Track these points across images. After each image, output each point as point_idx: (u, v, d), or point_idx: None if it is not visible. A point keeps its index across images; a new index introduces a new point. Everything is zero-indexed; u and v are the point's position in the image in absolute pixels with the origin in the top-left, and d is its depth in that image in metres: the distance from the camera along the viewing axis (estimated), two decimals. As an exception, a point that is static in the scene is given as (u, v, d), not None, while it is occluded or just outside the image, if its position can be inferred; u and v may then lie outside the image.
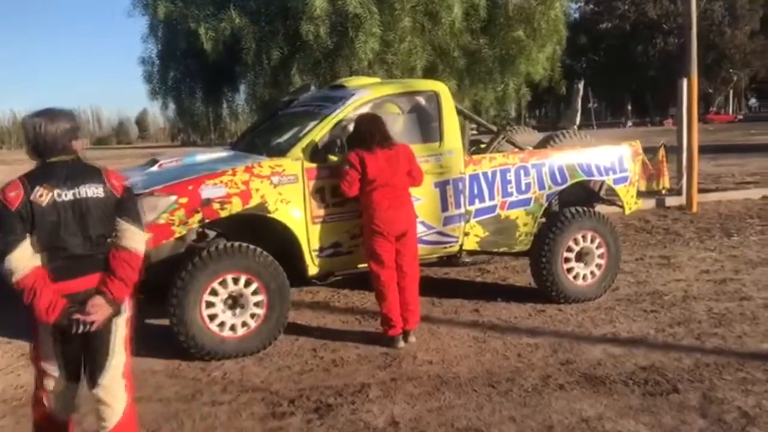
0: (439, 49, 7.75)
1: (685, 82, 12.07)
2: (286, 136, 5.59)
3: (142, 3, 8.44)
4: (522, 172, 5.88)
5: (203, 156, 5.55)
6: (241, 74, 8.15)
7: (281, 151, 5.19)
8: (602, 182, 6.40)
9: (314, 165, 5.09)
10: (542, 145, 6.59)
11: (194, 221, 4.78)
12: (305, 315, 6.04)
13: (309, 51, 7.47)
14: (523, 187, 5.89)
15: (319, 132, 5.18)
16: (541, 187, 5.93)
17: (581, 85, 12.21)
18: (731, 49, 61.52)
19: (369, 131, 5.02)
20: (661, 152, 13.00)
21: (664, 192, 12.54)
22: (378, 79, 6.17)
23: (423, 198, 5.39)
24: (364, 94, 5.45)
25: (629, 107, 78.44)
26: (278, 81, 7.74)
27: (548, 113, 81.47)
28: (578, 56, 79.93)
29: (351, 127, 5.20)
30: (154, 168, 5.37)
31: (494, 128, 6.20)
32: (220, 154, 5.70)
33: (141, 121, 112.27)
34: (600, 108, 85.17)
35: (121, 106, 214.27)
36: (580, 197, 6.50)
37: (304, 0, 7.17)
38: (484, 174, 5.73)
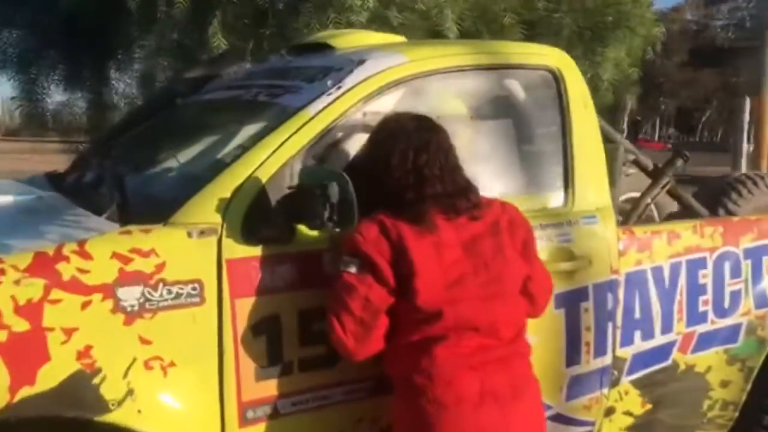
0: (483, 9, 4.63)
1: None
2: (177, 165, 2.34)
3: None
4: (727, 265, 2.79)
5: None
6: (124, 35, 4.80)
7: (159, 207, 1.95)
8: None
9: (253, 252, 1.89)
10: (714, 200, 3.50)
11: None
12: None
13: (248, -7, 4.21)
14: (727, 301, 2.81)
15: (268, 154, 1.96)
16: (762, 301, 2.87)
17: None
18: (661, 78, 62.26)
19: (426, 164, 1.87)
20: None
21: None
22: (401, 38, 3.00)
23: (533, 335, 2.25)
24: (395, 62, 2.24)
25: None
26: (185, 46, 4.42)
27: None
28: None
29: (365, 151, 2.05)
30: None
31: (648, 162, 3.07)
32: (5, 197, 2.37)
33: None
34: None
35: None
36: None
37: None
38: (657, 272, 2.62)
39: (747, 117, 10.10)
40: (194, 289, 1.79)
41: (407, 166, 1.86)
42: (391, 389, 1.95)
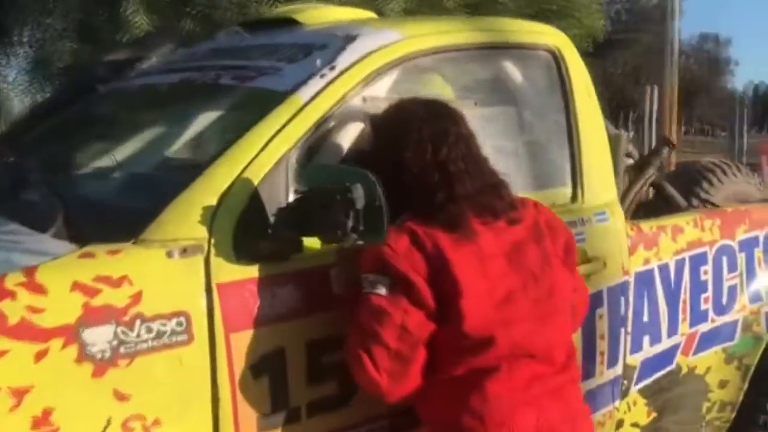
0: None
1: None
2: (130, 164, 1.92)
3: None
4: (725, 259, 2.65)
5: None
6: (18, 11, 4.20)
7: (118, 219, 1.55)
8: None
9: (248, 273, 1.49)
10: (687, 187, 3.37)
11: None
12: None
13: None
14: (725, 297, 2.67)
15: (258, 149, 1.58)
16: (756, 296, 2.75)
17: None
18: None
19: (448, 157, 1.56)
20: None
21: None
22: (370, 14, 2.66)
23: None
24: (390, 39, 1.88)
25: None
26: (93, 27, 3.89)
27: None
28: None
29: (369, 146, 1.71)
30: None
31: (635, 152, 2.88)
32: None
33: None
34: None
35: None
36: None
37: None
38: (664, 270, 2.43)
39: (648, 107, 10.37)
40: (180, 323, 1.41)
41: (426, 160, 1.56)
42: (411, 425, 1.65)
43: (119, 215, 1.58)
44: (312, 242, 1.57)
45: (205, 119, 1.96)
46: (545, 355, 1.53)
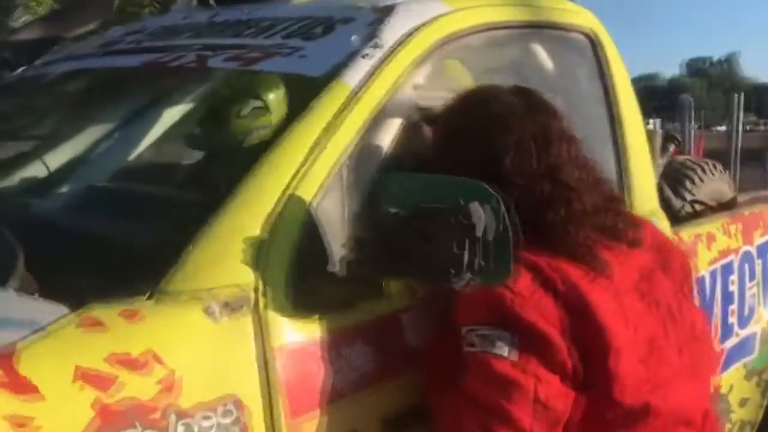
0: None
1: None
2: (74, 177, 1.42)
3: None
4: (747, 267, 2.43)
5: None
6: None
7: (108, 257, 1.06)
8: None
9: (311, 329, 1.06)
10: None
11: None
12: None
13: None
14: (747, 308, 2.46)
15: (304, 155, 1.15)
16: (774, 304, 2.57)
17: None
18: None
19: (557, 162, 1.19)
20: None
21: None
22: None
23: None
24: (437, 11, 1.46)
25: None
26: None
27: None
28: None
29: (441, 149, 1.28)
30: None
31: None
32: None
33: None
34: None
35: None
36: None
37: None
38: (701, 283, 2.14)
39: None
40: (228, 413, 0.95)
41: (533, 167, 1.17)
42: None
43: (106, 251, 1.09)
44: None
45: (199, 113, 1.49)
46: (694, 417, 1.19)
